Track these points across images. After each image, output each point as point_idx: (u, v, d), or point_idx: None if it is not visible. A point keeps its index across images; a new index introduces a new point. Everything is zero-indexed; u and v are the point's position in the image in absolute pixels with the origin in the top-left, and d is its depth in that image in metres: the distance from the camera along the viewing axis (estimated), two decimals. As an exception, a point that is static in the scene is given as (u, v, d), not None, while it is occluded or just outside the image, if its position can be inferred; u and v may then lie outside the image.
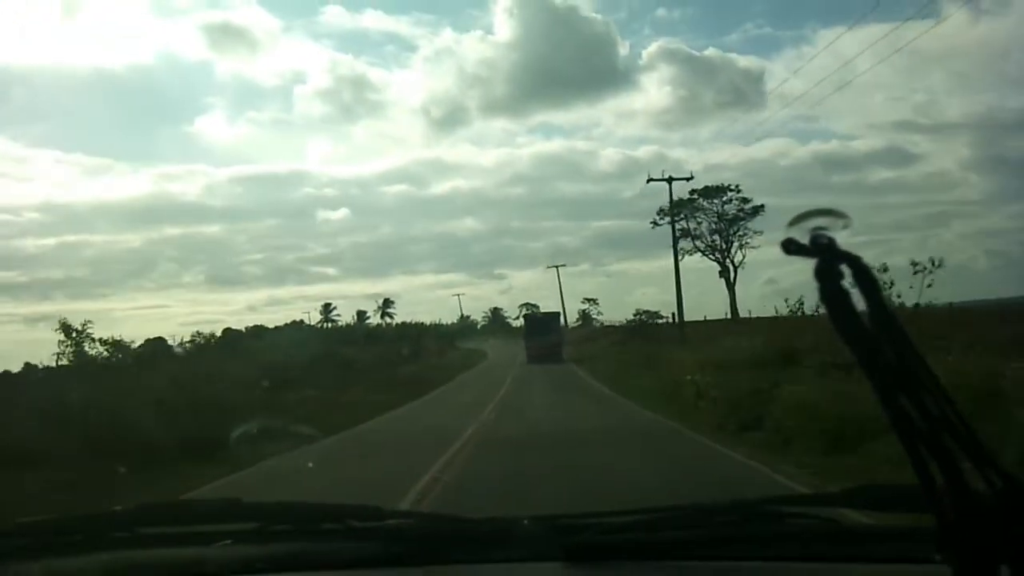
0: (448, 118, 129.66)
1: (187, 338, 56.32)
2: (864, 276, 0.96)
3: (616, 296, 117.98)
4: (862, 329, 0.96)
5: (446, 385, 31.80)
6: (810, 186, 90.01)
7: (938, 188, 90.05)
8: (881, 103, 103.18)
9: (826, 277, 0.96)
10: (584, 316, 77.60)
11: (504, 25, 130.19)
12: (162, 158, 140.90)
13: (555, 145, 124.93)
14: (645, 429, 14.26)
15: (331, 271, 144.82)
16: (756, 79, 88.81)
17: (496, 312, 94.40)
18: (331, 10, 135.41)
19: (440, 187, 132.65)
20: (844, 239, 0.98)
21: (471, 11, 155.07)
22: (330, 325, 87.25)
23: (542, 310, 57.48)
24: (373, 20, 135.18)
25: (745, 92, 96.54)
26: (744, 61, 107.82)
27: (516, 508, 6.38)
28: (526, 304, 53.73)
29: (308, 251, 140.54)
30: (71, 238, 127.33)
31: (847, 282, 0.97)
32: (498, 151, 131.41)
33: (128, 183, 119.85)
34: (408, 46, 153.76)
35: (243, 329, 73.08)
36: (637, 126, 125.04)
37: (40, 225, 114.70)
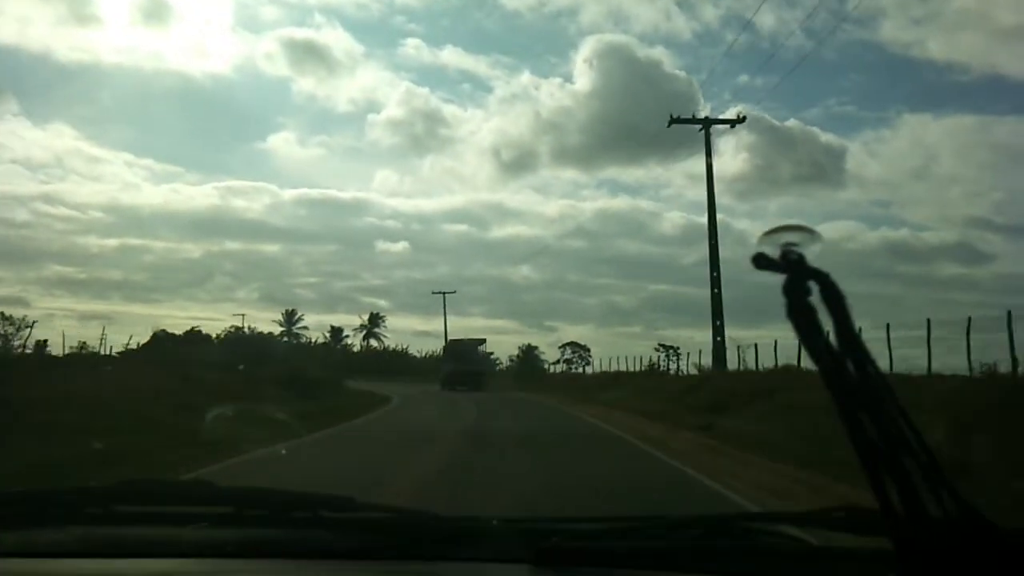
0: (516, 162, 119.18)
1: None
2: (832, 293, 0.99)
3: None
4: (827, 346, 0.98)
5: None
6: (874, 273, 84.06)
7: (1009, 291, 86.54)
8: (958, 196, 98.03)
9: (794, 293, 0.98)
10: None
11: (584, 75, 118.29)
12: (230, 172, 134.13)
13: (620, 202, 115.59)
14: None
15: (383, 303, 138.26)
16: (835, 156, 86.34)
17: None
18: (412, 42, 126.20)
19: (500, 231, 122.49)
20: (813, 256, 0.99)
21: (551, 58, 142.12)
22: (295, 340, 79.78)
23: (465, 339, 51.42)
24: (453, 56, 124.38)
25: (822, 168, 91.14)
26: (824, 137, 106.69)
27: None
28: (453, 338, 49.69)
29: (362, 280, 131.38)
30: (133, 241, 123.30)
31: (814, 299, 0.98)
32: (561, 202, 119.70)
33: (194, 193, 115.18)
34: (484, 86, 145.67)
35: (180, 334, 65.48)
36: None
37: (104, 225, 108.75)
